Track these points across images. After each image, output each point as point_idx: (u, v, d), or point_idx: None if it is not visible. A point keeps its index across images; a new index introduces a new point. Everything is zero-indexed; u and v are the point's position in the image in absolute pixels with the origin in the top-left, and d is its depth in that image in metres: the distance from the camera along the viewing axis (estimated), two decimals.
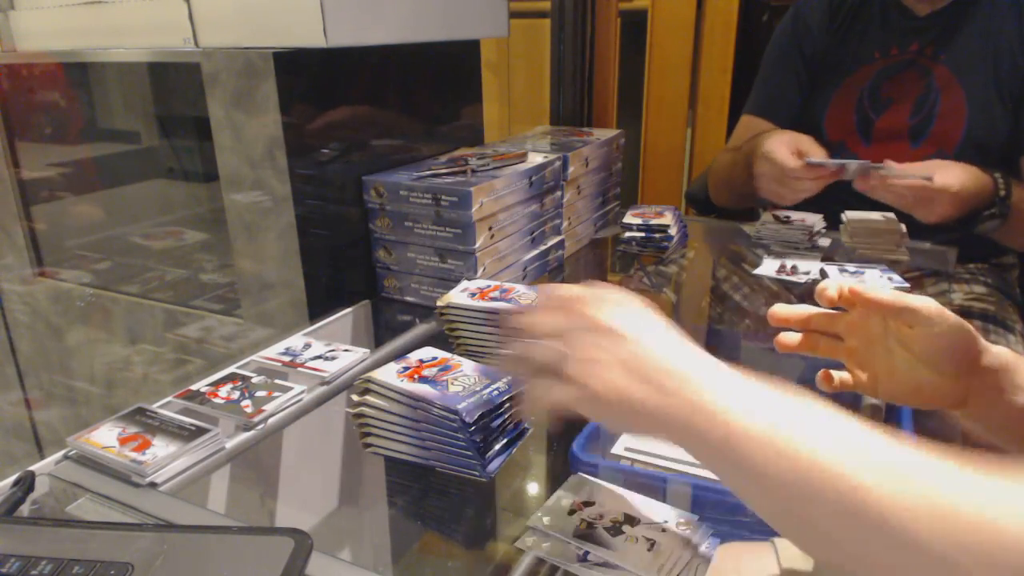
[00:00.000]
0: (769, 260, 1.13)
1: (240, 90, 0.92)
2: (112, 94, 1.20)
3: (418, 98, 1.14)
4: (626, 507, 0.56)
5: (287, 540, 0.47)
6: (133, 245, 1.26)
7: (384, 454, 0.67)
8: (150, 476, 0.60)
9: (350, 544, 0.80)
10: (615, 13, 1.55)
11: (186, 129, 1.14)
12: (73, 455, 0.64)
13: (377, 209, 1.01)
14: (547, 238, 1.14)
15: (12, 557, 0.46)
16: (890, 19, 1.27)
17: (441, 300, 0.84)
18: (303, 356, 0.81)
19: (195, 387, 0.74)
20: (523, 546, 0.53)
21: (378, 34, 0.98)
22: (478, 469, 0.62)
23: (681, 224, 1.25)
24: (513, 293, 0.83)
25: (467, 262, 0.96)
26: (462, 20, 1.14)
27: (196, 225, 1.19)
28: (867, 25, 1.29)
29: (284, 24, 0.91)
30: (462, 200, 0.93)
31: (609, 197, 1.36)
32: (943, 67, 1.22)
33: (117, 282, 1.25)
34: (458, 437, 0.62)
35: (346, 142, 1.00)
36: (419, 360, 0.71)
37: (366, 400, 0.67)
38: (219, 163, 0.97)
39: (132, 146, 1.22)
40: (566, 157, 1.14)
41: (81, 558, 0.46)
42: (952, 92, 1.22)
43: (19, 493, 0.57)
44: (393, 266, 1.03)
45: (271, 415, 0.70)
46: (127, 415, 0.67)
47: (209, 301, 1.15)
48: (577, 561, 0.51)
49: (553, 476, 0.64)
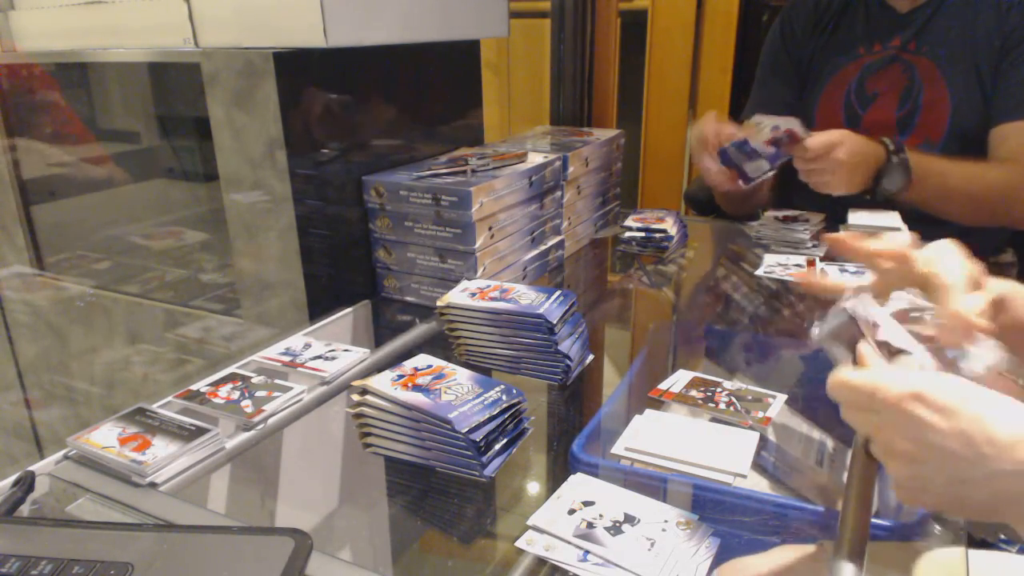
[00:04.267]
0: (769, 260, 1.13)
1: (240, 90, 0.92)
2: (112, 94, 1.20)
3: (418, 98, 1.14)
4: (626, 507, 0.56)
5: (287, 540, 0.47)
6: (133, 245, 1.26)
7: (384, 454, 0.68)
8: (150, 476, 0.60)
9: (350, 544, 0.80)
10: (615, 13, 1.54)
11: (186, 129, 1.14)
12: (73, 455, 0.64)
13: (377, 209, 1.01)
14: (547, 238, 1.14)
15: (12, 557, 0.46)
16: (873, 16, 1.30)
17: (441, 300, 0.84)
18: (303, 356, 0.81)
19: (195, 387, 0.74)
20: (523, 546, 0.53)
21: (378, 34, 0.98)
22: (478, 469, 0.62)
23: (681, 224, 1.26)
24: (513, 293, 0.83)
25: (467, 262, 0.96)
26: (462, 20, 1.14)
27: (196, 225, 1.19)
28: (851, 24, 1.32)
29: (284, 24, 0.91)
30: (462, 200, 0.93)
31: (609, 197, 1.36)
32: (925, 60, 1.25)
33: (117, 282, 1.25)
34: (457, 438, 0.62)
35: (346, 142, 1.00)
36: (414, 368, 0.71)
37: (366, 400, 0.67)
38: (219, 163, 0.97)
39: (132, 146, 1.22)
40: (566, 157, 1.14)
41: (81, 558, 0.46)
42: (935, 84, 1.24)
43: (19, 493, 0.57)
44: (393, 266, 1.03)
45: (271, 415, 0.70)
46: (127, 415, 0.67)
47: (209, 301, 1.15)
48: (577, 561, 0.51)
49: (553, 476, 0.64)
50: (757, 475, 0.70)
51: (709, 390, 0.77)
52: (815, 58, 1.35)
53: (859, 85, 1.30)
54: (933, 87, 1.24)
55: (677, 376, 0.81)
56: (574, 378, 0.79)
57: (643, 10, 2.20)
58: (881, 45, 1.29)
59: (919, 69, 1.25)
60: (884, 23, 1.28)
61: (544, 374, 0.79)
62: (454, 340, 0.84)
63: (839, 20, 1.33)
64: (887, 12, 1.28)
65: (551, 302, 0.78)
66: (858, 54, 1.30)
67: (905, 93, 1.27)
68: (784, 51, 1.38)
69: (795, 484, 0.71)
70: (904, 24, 1.27)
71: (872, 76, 1.29)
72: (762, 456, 0.70)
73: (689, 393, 0.77)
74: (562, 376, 0.78)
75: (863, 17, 1.31)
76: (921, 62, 1.25)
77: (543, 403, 0.79)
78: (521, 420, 0.67)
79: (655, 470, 0.64)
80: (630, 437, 0.68)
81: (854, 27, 1.32)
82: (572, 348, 0.79)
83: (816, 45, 1.35)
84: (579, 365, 0.81)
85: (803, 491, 0.71)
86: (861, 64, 1.30)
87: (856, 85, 1.30)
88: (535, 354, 0.79)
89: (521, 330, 0.78)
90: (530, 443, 0.67)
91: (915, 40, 1.26)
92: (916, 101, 1.26)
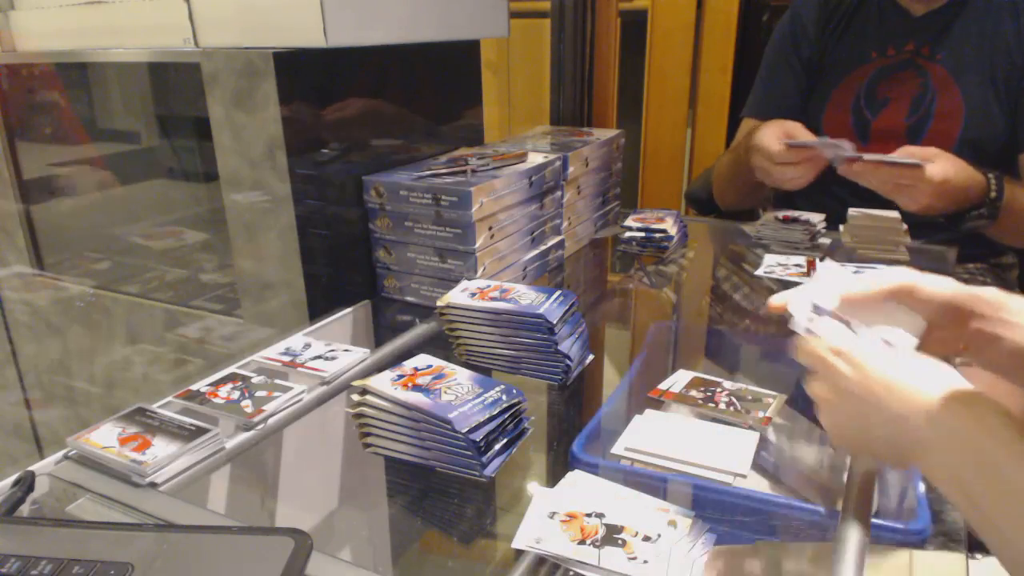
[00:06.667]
0: (769, 260, 1.13)
1: (240, 90, 0.92)
2: (112, 94, 1.20)
3: (418, 98, 1.14)
4: (626, 507, 0.56)
5: (287, 540, 0.47)
6: (133, 245, 1.26)
7: (384, 454, 0.68)
8: (150, 476, 0.60)
9: (350, 544, 0.80)
10: (615, 13, 1.54)
11: (186, 129, 1.14)
12: (73, 455, 0.64)
13: (377, 209, 1.01)
14: (547, 238, 1.14)
15: (12, 557, 0.46)
16: (886, 19, 1.27)
17: (441, 300, 0.84)
18: (303, 356, 0.81)
19: (195, 387, 0.73)
20: (521, 545, 0.53)
21: (378, 34, 0.98)
22: (478, 469, 0.62)
23: (681, 224, 1.26)
24: (513, 293, 0.83)
25: (467, 262, 0.96)
26: (462, 20, 1.14)
27: (196, 225, 1.19)
28: (864, 25, 1.29)
29: (284, 24, 0.91)
30: (462, 200, 0.93)
31: (609, 197, 1.36)
32: (939, 67, 1.22)
33: (117, 282, 1.25)
34: (457, 438, 0.62)
35: (346, 142, 1.00)
36: (414, 368, 0.71)
37: (366, 400, 0.67)
38: (219, 163, 0.97)
39: (132, 146, 1.22)
40: (566, 157, 1.14)
41: (81, 558, 0.46)
42: (949, 92, 1.22)
43: (19, 493, 0.57)
44: (393, 266, 1.03)
45: (271, 415, 0.70)
46: (127, 415, 0.67)
47: (209, 301, 1.15)
48: (577, 561, 0.51)
49: (553, 476, 0.64)
50: (757, 475, 0.70)
51: (709, 390, 0.77)
52: (825, 58, 1.32)
53: (869, 89, 1.28)
54: (947, 96, 1.22)
55: (677, 376, 0.81)
56: (574, 378, 0.79)
57: (643, 10, 2.20)
58: (895, 49, 1.26)
59: (933, 76, 1.23)
60: (898, 26, 1.26)
61: (544, 374, 0.79)
62: (454, 340, 0.84)
63: (851, 20, 1.30)
64: (900, 14, 1.26)
65: (551, 302, 0.78)
66: (870, 57, 1.28)
67: (917, 100, 1.24)
68: (793, 49, 1.35)
69: (795, 484, 0.71)
70: (918, 29, 1.24)
71: (884, 81, 1.27)
72: (762, 456, 0.70)
73: (689, 393, 0.77)
74: (562, 376, 0.78)
75: (876, 18, 1.28)
76: (935, 69, 1.22)
77: (543, 403, 0.79)
78: (521, 420, 0.67)
79: (655, 470, 0.64)
80: (630, 437, 0.68)
81: (866, 29, 1.29)
82: (572, 348, 0.79)
83: (827, 45, 1.31)
84: (579, 365, 0.81)
85: (803, 491, 0.71)
86: (873, 68, 1.27)
87: (866, 89, 1.28)
88: (535, 354, 0.79)
89: (521, 330, 0.78)
90: (530, 443, 0.67)
91: (929, 46, 1.23)
92: (928, 109, 1.23)
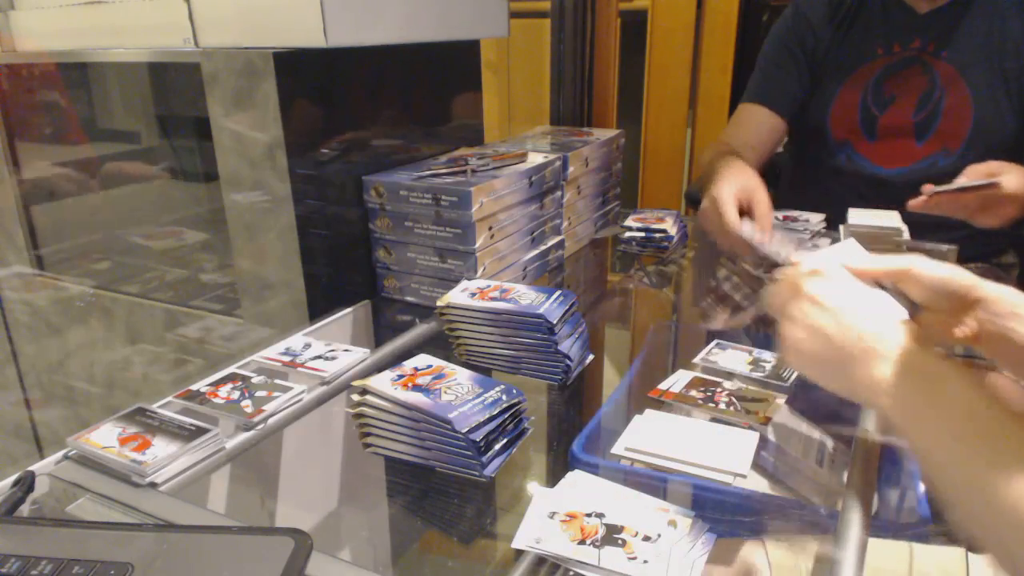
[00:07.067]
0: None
1: (240, 90, 0.92)
2: (112, 94, 1.20)
3: (418, 98, 1.14)
4: (626, 507, 0.56)
5: (287, 540, 0.47)
6: (133, 245, 1.26)
7: (384, 454, 0.68)
8: (150, 476, 0.60)
9: (350, 544, 0.80)
10: (615, 13, 1.54)
11: (186, 129, 1.14)
12: (73, 455, 0.64)
13: (377, 209, 1.01)
14: (547, 238, 1.14)
15: (12, 557, 0.46)
16: (891, 16, 1.27)
17: (441, 300, 0.84)
18: (303, 356, 0.81)
19: (195, 387, 0.73)
20: (521, 545, 0.53)
21: (378, 34, 0.98)
22: (478, 469, 0.62)
23: (681, 224, 1.26)
24: (513, 293, 0.83)
25: (467, 262, 0.96)
26: (462, 20, 1.14)
27: (196, 225, 1.19)
28: (869, 22, 1.29)
29: (284, 24, 0.91)
30: (462, 200, 0.93)
31: (609, 197, 1.36)
32: (946, 64, 1.22)
33: (117, 282, 1.25)
34: (457, 438, 0.62)
35: (346, 142, 1.00)
36: (414, 368, 0.71)
37: (366, 400, 0.67)
38: (219, 163, 0.97)
39: (132, 146, 1.22)
40: (566, 157, 1.14)
41: (81, 558, 0.46)
42: (957, 89, 1.22)
43: (19, 493, 0.57)
44: (393, 266, 1.03)
45: (271, 415, 0.70)
46: (127, 415, 0.67)
47: (209, 301, 1.15)
48: (577, 561, 0.51)
49: (553, 476, 0.64)
50: (757, 475, 0.70)
51: (709, 390, 0.77)
52: (830, 54, 1.31)
53: (876, 86, 1.27)
54: (955, 94, 1.22)
55: (677, 376, 0.81)
56: (574, 378, 0.79)
57: (643, 10, 2.20)
58: (900, 46, 1.26)
59: (940, 74, 1.23)
60: (903, 23, 1.26)
61: (544, 374, 0.79)
62: (454, 340, 0.84)
63: (856, 17, 1.29)
64: (906, 12, 1.25)
65: (551, 302, 0.78)
66: (876, 54, 1.27)
67: (924, 97, 1.24)
68: (796, 41, 1.34)
69: (795, 484, 0.71)
70: (924, 26, 1.24)
71: (891, 78, 1.26)
72: (762, 456, 0.70)
73: (689, 393, 0.77)
74: (562, 376, 0.78)
75: (881, 15, 1.28)
76: (942, 67, 1.22)
77: (543, 403, 0.79)
78: (521, 420, 0.67)
79: (655, 470, 0.64)
80: (630, 437, 0.68)
81: (872, 25, 1.28)
82: (572, 348, 0.79)
83: (832, 40, 1.31)
84: (579, 365, 0.81)
85: (803, 491, 0.71)
86: (879, 65, 1.27)
87: (873, 86, 1.27)
88: (535, 354, 0.79)
89: (521, 330, 0.78)
90: (530, 443, 0.67)
91: (935, 43, 1.23)
92: (936, 107, 1.23)
